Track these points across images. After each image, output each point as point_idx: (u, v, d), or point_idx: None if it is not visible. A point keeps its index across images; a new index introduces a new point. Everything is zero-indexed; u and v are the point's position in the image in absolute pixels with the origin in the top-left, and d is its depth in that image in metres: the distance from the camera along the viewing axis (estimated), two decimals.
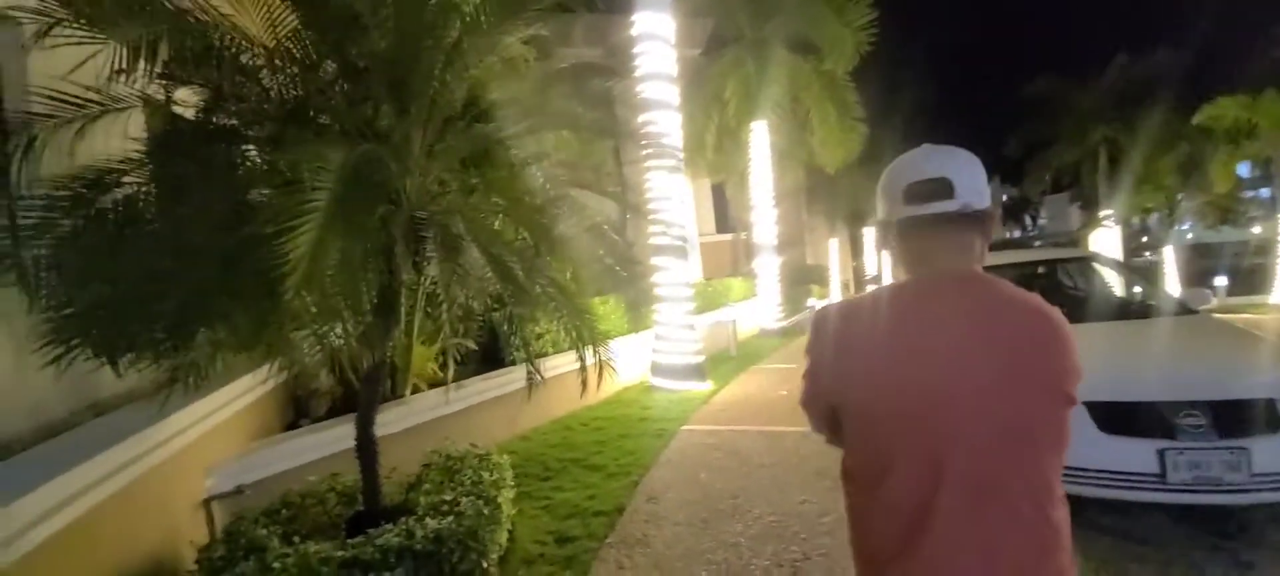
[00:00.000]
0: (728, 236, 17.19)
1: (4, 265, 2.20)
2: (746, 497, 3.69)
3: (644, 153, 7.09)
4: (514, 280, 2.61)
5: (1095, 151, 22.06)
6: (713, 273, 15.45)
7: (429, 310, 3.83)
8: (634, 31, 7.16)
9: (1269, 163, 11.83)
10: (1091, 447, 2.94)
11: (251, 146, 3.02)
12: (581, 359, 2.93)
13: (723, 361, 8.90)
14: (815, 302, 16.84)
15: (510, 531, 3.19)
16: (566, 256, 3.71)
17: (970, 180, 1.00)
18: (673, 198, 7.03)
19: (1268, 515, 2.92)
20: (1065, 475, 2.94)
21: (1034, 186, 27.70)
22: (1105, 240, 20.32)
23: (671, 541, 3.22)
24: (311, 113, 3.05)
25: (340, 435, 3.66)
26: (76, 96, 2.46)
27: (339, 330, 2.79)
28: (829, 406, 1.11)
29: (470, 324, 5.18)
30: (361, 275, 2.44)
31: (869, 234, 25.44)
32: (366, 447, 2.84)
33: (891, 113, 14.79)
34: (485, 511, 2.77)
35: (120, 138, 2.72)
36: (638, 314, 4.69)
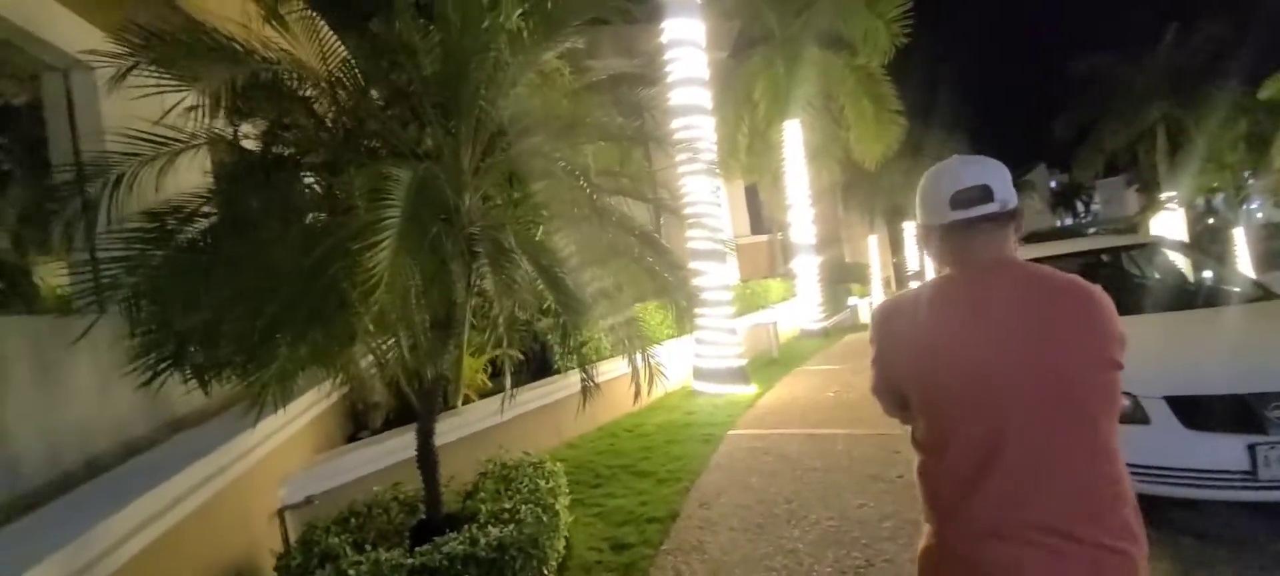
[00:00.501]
0: (763, 237, 17.02)
1: (106, 294, 2.37)
2: (801, 502, 3.63)
3: (679, 158, 7.10)
4: (563, 289, 2.65)
5: (1153, 130, 20.91)
6: (749, 274, 15.30)
7: (477, 322, 3.94)
8: (664, 38, 7.20)
9: None
10: (1176, 445, 2.78)
11: (308, 173, 3.18)
12: (633, 365, 2.94)
13: (765, 364, 8.80)
14: (856, 301, 16.47)
15: (567, 538, 3.23)
16: (611, 263, 3.76)
17: (1002, 184, 1.14)
18: (709, 201, 7.01)
19: None
20: (1149, 475, 2.80)
21: (1085, 171, 26.40)
22: (1168, 224, 19.18)
23: (728, 547, 3.20)
24: (363, 139, 3.19)
25: (398, 446, 3.79)
26: (157, 136, 2.64)
27: (400, 343, 2.91)
28: (897, 390, 1.22)
29: (517, 334, 5.31)
30: (425, 290, 2.53)
31: (909, 228, 24.77)
32: (427, 457, 2.93)
33: (933, 104, 14.40)
34: (544, 519, 2.81)
35: (195, 172, 2.91)
36: (682, 318, 4.68)
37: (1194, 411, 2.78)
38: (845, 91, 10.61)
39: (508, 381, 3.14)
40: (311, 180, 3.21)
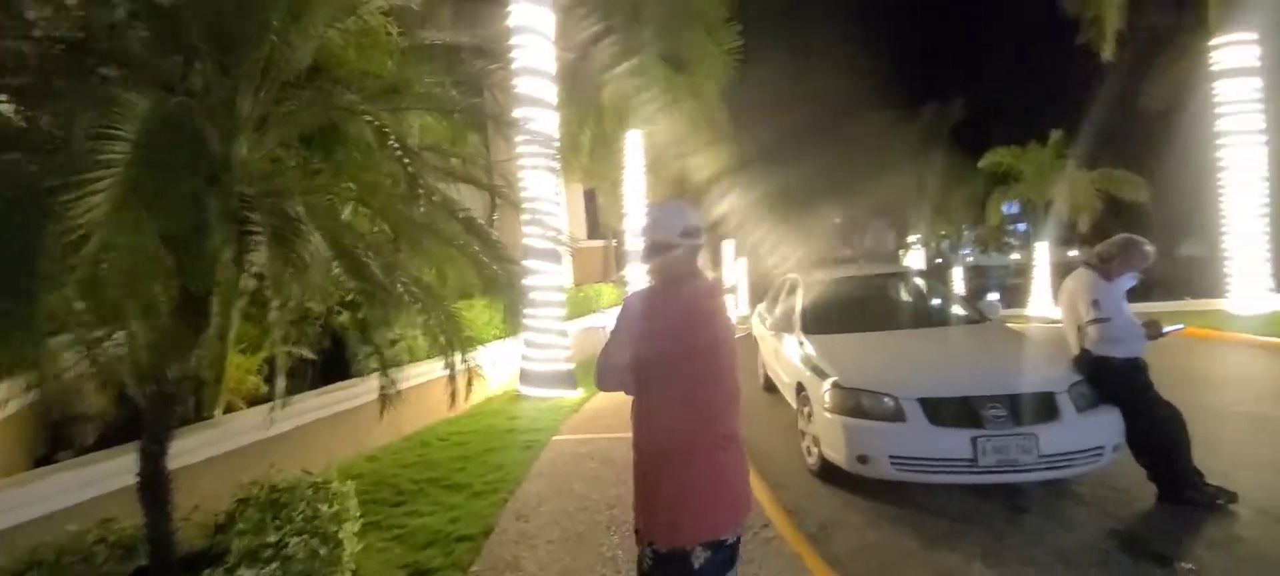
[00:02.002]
0: (599, 243, 17.25)
1: None
2: (623, 507, 3.59)
3: (519, 148, 6.77)
4: (368, 277, 2.23)
5: (912, 183, 25.90)
6: (584, 278, 15.36)
7: (252, 311, 3.23)
8: (511, 21, 6.82)
9: (1029, 203, 14.82)
10: (923, 438, 3.32)
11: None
12: (450, 367, 2.61)
13: (594, 368, 8.82)
14: None
15: (354, 571, 2.74)
16: (431, 253, 3.34)
17: (694, 221, 1.73)
18: (548, 198, 6.79)
19: (1047, 489, 3.53)
20: (906, 464, 3.27)
21: (862, 210, 31.83)
22: (914, 259, 23.95)
23: (546, 562, 3.01)
24: (92, 59, 2.39)
25: (115, 469, 2.91)
26: None
27: (133, 333, 2.20)
28: (631, 357, 1.65)
29: (307, 329, 4.49)
30: (158, 265, 1.93)
31: (729, 247, 27.30)
32: (154, 483, 2.24)
33: (761, 131, 15.92)
34: (321, 552, 2.33)
35: None
36: (511, 318, 4.38)
37: (937, 411, 3.36)
38: (684, 110, 11.23)
39: (279, 384, 2.57)
40: (7, 107, 2.33)
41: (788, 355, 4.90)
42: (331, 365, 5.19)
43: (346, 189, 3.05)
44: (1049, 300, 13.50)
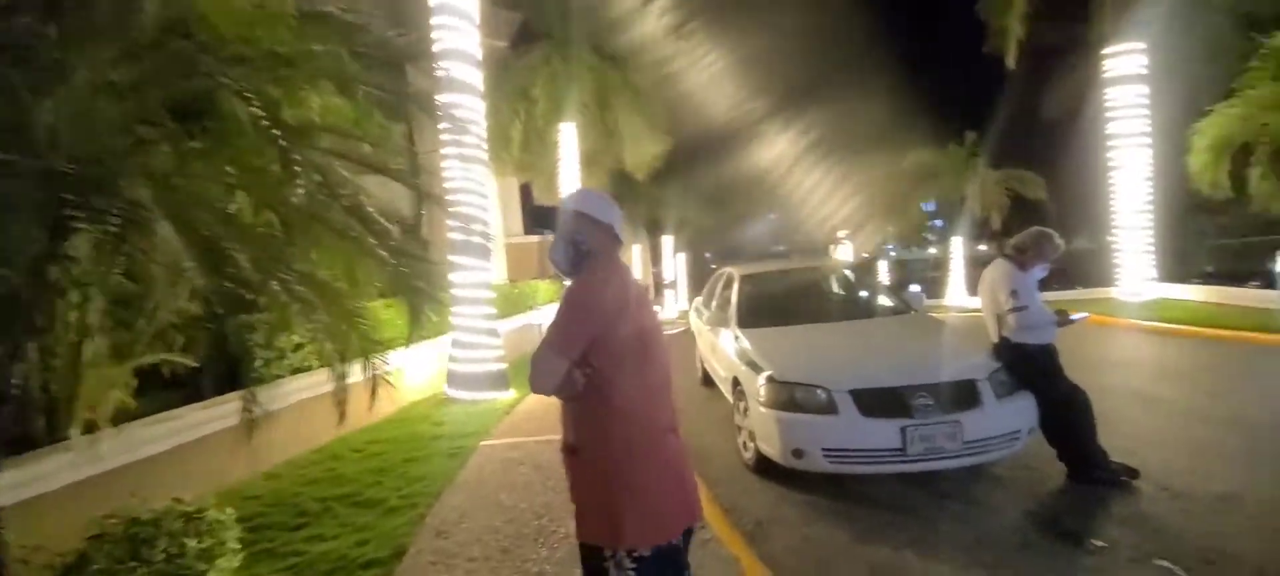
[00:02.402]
0: (536, 238, 16.79)
1: None
2: (552, 516, 3.38)
3: (444, 138, 6.34)
4: (233, 275, 1.89)
5: (838, 181, 26.87)
6: (519, 275, 14.88)
7: (118, 315, 2.78)
8: (433, 1, 6.38)
9: (946, 200, 15.73)
10: (855, 430, 3.31)
11: None
12: (340, 376, 2.30)
13: (528, 368, 8.49)
14: None
15: None
16: (330, 248, 2.98)
17: (611, 211, 1.63)
18: (475, 191, 6.41)
19: (968, 473, 3.62)
20: (839, 456, 3.20)
21: (795, 207, 32.87)
22: (843, 253, 24.95)
23: None
24: None
25: None
26: None
27: None
28: (589, 340, 1.48)
29: (194, 334, 3.96)
30: None
31: (668, 242, 27.45)
32: None
33: (699, 127, 15.94)
34: None
35: None
36: (418, 318, 4.03)
37: (868, 402, 3.35)
38: (620, 103, 11.06)
39: (114, 397, 2.18)
40: None
41: (724, 349, 4.83)
42: (228, 374, 4.64)
43: (228, 173, 2.66)
44: (964, 291, 14.39)
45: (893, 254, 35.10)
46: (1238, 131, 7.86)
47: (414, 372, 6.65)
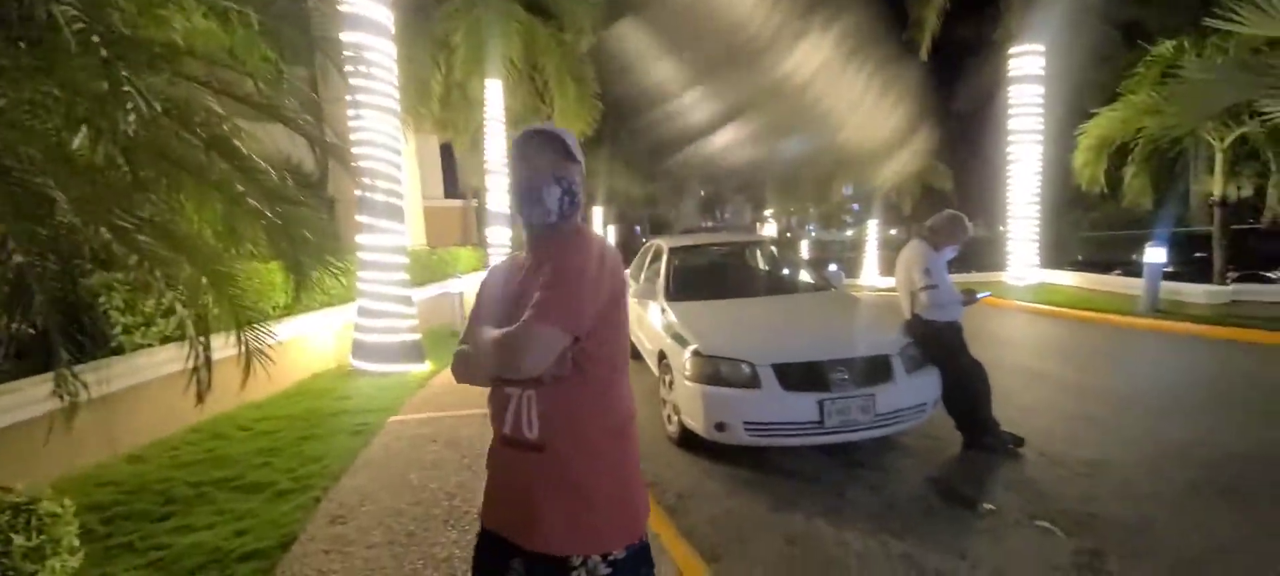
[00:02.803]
0: (458, 203, 15.97)
1: None
2: (466, 496, 3.17)
3: (353, 85, 5.72)
4: (49, 218, 1.52)
5: (764, 163, 27.54)
6: (440, 240, 14.12)
7: None
8: None
9: (862, 186, 16.56)
10: (776, 404, 3.33)
11: None
12: (199, 349, 1.98)
13: (447, 338, 8.06)
14: None
15: None
16: (200, 196, 2.55)
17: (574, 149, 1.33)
18: (387, 145, 5.87)
19: (879, 444, 3.78)
20: (762, 430, 3.18)
21: (723, 186, 33.49)
22: (768, 232, 25.77)
23: (360, 573, 2.51)
24: None
25: None
26: None
27: None
28: (598, 309, 1.21)
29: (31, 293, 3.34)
30: None
31: (599, 212, 27.09)
32: None
33: (630, 93, 15.58)
34: None
35: None
36: (326, 283, 3.60)
37: (788, 376, 3.39)
38: (550, 64, 10.55)
39: None
40: None
41: (651, 322, 4.75)
42: (84, 341, 3.98)
43: (56, 97, 2.17)
44: (877, 271, 15.29)
45: (813, 234, 36.79)
46: (1117, 133, 8.72)
47: (315, 342, 6.09)
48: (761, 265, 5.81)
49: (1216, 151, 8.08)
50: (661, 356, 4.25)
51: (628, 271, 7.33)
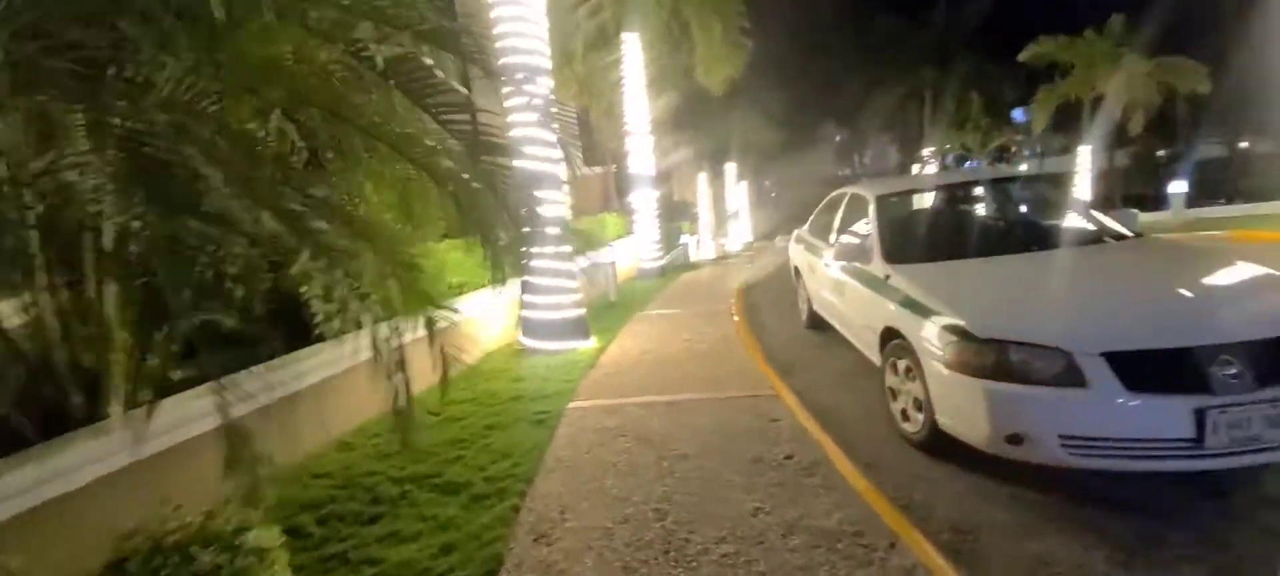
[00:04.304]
0: (597, 170, 15.84)
1: None
2: (677, 515, 2.62)
3: (501, 32, 5.39)
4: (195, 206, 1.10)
5: (921, 93, 24.10)
6: (583, 210, 14.10)
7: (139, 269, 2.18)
8: None
9: (1071, 102, 13.35)
10: (1117, 412, 2.30)
11: None
12: (378, 345, 1.58)
13: (604, 311, 7.80)
14: (687, 239, 16.40)
15: None
16: (376, 171, 2.19)
17: None
18: (540, 107, 5.48)
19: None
20: (1081, 447, 1.77)
21: (868, 126, 30.03)
22: (929, 172, 22.58)
23: None
24: None
25: None
26: None
27: None
28: None
29: (247, 286, 3.40)
30: None
31: (731, 170, 25.74)
32: None
33: (762, 40, 14.18)
34: None
35: None
36: (509, 263, 3.25)
37: (1136, 370, 2.31)
38: (691, 5, 9.61)
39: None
40: None
41: (862, 291, 3.84)
42: (295, 330, 4.11)
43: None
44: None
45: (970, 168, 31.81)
46: None
47: (485, 321, 6.05)
48: (1018, 210, 4.41)
49: None
50: (889, 336, 3.35)
51: (801, 230, 6.39)
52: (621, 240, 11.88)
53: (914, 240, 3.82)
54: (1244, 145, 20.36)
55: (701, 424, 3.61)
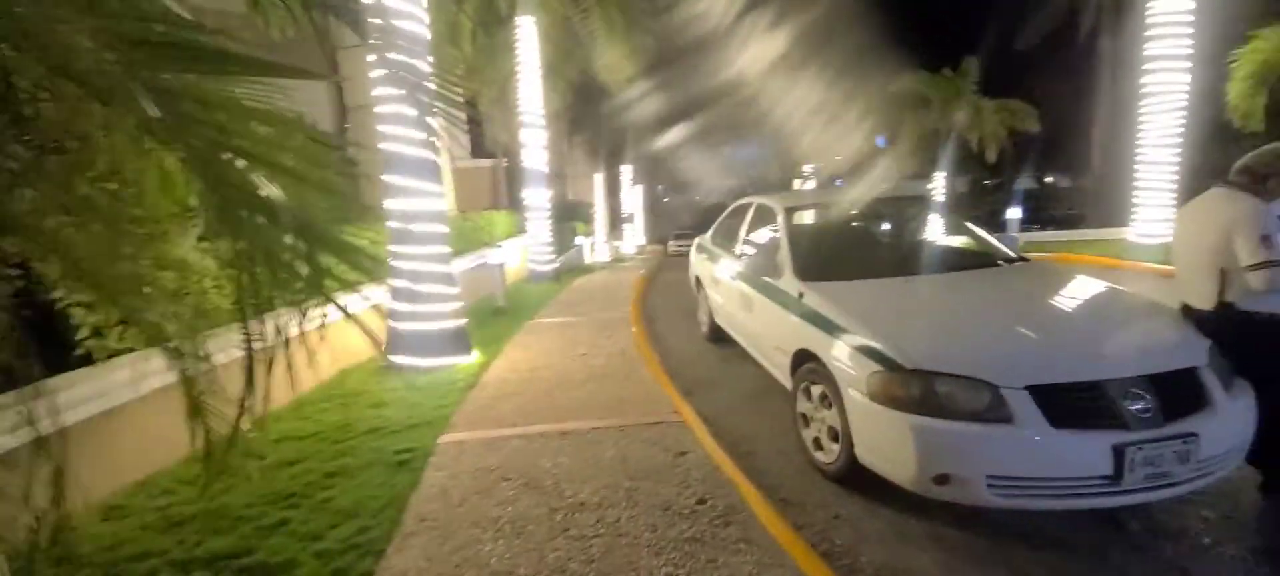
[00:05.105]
0: (487, 162, 14.77)
1: None
2: None
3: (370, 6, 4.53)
4: None
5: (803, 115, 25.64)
6: (468, 205, 13.03)
7: None
8: None
9: (930, 132, 14.83)
10: (1044, 450, 2.17)
11: None
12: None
13: (490, 318, 7.04)
14: (582, 240, 15.87)
15: None
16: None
17: None
18: (414, 87, 4.67)
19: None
20: (1007, 487, 2.16)
21: (755, 138, 31.58)
22: (809, 188, 24.13)
23: None
24: None
25: None
26: None
27: None
28: None
29: None
30: None
31: (627, 172, 25.61)
32: None
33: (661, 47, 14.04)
34: None
35: None
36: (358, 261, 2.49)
37: (1058, 404, 2.21)
38: None
39: None
40: None
41: (771, 308, 3.59)
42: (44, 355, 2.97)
43: None
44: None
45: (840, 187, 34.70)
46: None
47: (344, 332, 5.08)
48: (920, 231, 4.39)
49: None
50: (803, 358, 3.11)
51: (703, 238, 6.16)
52: (512, 240, 11.06)
53: (827, 256, 3.65)
54: (1049, 179, 24.29)
55: (601, 459, 3.12)
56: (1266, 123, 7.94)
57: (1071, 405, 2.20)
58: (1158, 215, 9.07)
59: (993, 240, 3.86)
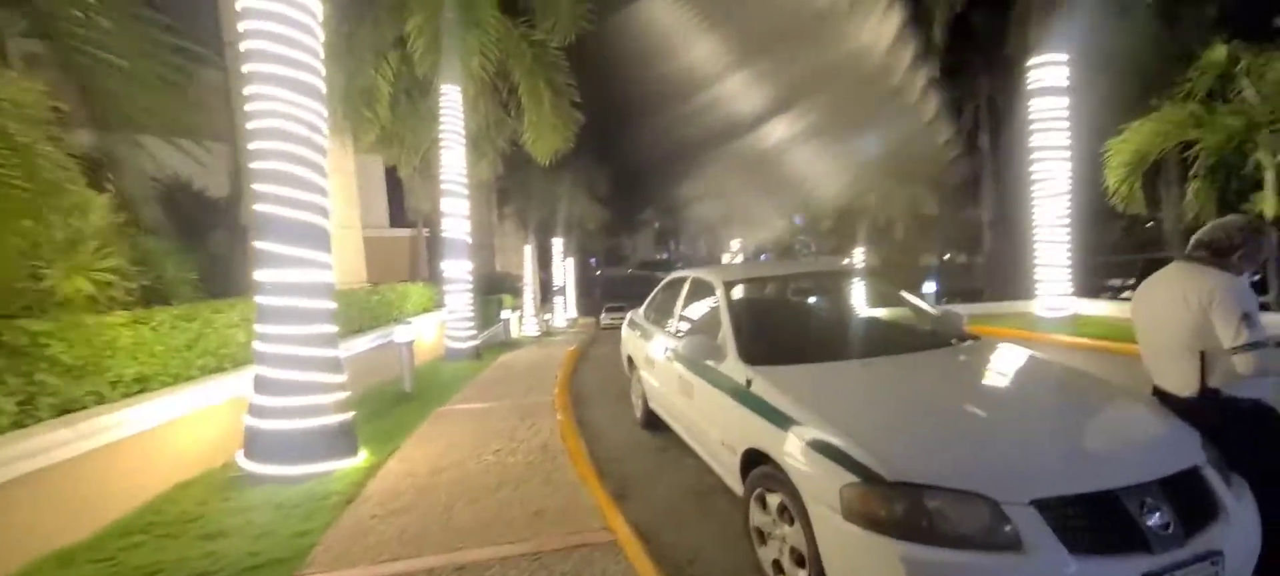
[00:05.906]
0: (406, 232, 13.88)
1: None
2: None
3: (249, 49, 3.91)
4: None
5: (722, 190, 26.74)
6: (384, 276, 12.03)
7: None
8: None
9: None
10: None
11: None
12: None
13: (391, 407, 6.09)
14: (508, 314, 15.00)
15: None
16: None
17: None
18: (301, 137, 4.02)
19: None
20: None
21: (682, 214, 32.70)
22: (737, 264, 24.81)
23: None
24: None
25: None
26: None
27: None
28: None
29: None
30: None
31: (558, 244, 25.25)
32: None
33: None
34: None
35: None
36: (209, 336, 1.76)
37: (1070, 522, 1.80)
38: (521, 68, 8.89)
39: None
40: None
41: (714, 395, 3.10)
42: None
43: None
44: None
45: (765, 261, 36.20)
46: (1154, 147, 7.97)
47: (188, 431, 4.05)
48: (864, 307, 4.07)
49: (1268, 168, 7.38)
50: (756, 458, 2.61)
51: (636, 313, 5.70)
52: (428, 315, 10.14)
53: (774, 337, 3.25)
54: (948, 256, 26.32)
55: None
56: (1147, 205, 8.85)
57: (1084, 523, 1.81)
58: (1059, 289, 9.80)
59: (940, 316, 3.63)
